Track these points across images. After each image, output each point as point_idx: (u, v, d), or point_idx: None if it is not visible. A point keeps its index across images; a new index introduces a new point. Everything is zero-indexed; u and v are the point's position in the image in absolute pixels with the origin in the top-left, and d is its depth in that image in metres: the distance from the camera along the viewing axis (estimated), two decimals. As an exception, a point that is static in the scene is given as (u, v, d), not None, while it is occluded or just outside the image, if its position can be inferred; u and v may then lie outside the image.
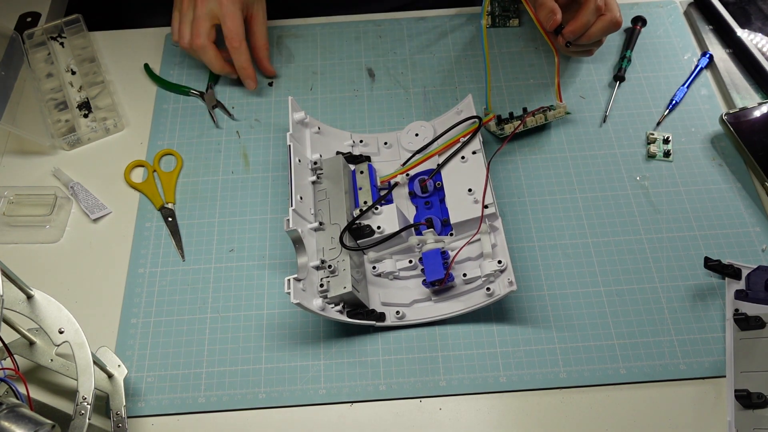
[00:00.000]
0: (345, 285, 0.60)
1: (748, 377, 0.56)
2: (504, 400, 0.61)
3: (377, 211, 0.66)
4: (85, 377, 0.51)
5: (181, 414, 0.61)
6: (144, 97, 0.82)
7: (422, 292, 0.65)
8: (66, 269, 0.69)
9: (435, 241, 0.64)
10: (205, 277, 0.68)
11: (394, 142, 0.75)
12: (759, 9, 0.84)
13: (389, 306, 0.64)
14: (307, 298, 0.59)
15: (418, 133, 0.73)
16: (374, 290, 0.65)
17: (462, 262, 0.65)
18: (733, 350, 0.60)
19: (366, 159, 0.72)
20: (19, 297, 0.52)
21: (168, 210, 0.72)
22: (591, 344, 0.63)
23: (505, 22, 0.86)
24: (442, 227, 0.67)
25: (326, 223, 0.65)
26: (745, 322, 0.59)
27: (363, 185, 0.69)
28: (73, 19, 0.86)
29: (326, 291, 0.61)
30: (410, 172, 0.71)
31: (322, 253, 0.63)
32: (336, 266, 0.62)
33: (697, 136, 0.76)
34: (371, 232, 0.65)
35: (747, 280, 0.63)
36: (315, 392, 0.61)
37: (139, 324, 0.65)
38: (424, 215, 0.68)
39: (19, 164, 0.76)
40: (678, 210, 0.71)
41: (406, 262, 0.65)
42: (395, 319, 0.63)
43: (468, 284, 0.64)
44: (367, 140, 0.74)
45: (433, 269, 0.62)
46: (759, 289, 0.62)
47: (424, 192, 0.69)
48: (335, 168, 0.69)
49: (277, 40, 0.86)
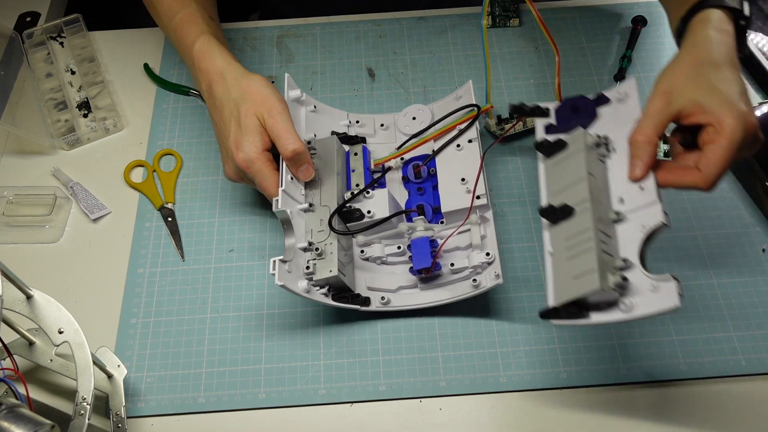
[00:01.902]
0: (331, 269, 0.60)
1: (557, 196, 0.57)
2: (504, 400, 0.60)
3: (369, 194, 0.65)
4: (85, 377, 0.51)
5: (181, 414, 0.61)
6: (144, 97, 0.82)
7: (409, 279, 0.64)
8: (65, 269, 0.69)
9: (425, 229, 0.64)
10: (205, 277, 0.68)
11: (391, 124, 0.74)
12: (759, 9, 0.84)
13: (375, 291, 0.64)
14: (293, 280, 0.58)
15: (416, 117, 0.73)
16: (361, 274, 0.64)
17: (451, 251, 0.65)
18: (545, 177, 0.60)
19: (361, 140, 0.71)
20: (18, 297, 0.52)
21: (168, 210, 0.72)
22: (591, 344, 0.63)
23: (505, 22, 0.86)
24: (433, 214, 0.67)
25: (316, 204, 0.64)
26: (548, 148, 0.60)
27: (356, 167, 0.68)
28: (72, 18, 0.86)
29: (312, 273, 0.60)
30: (405, 156, 0.70)
31: (310, 234, 0.63)
32: (323, 249, 0.61)
33: (697, 136, 0.76)
34: (361, 216, 0.64)
35: (555, 114, 0.63)
36: (315, 392, 0.61)
37: (139, 324, 0.65)
38: (416, 201, 0.68)
39: (19, 164, 0.76)
40: (678, 210, 0.71)
41: (394, 248, 0.65)
42: (380, 305, 0.63)
43: (455, 274, 0.63)
44: (364, 121, 0.74)
45: (421, 257, 0.62)
46: (565, 119, 0.62)
47: (417, 177, 0.69)
48: (329, 148, 0.68)
49: (278, 40, 0.86)
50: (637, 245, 0.53)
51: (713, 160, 0.52)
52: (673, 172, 0.55)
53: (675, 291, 0.49)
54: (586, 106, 0.62)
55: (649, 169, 0.55)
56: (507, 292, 0.66)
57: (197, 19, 0.70)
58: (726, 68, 0.56)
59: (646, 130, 0.55)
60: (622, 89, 0.61)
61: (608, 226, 0.55)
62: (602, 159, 0.58)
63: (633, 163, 0.56)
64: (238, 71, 0.65)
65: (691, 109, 0.54)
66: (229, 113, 0.63)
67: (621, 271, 0.52)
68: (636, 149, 0.56)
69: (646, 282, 0.51)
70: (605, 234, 0.54)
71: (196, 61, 0.67)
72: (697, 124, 0.54)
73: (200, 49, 0.67)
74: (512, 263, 0.67)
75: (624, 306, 0.51)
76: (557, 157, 0.59)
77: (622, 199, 0.56)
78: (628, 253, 0.53)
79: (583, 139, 0.57)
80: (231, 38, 0.86)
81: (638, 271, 0.52)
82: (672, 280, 0.50)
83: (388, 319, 0.64)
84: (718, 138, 0.52)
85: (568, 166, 0.58)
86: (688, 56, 0.57)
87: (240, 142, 0.62)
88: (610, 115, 0.61)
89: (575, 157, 0.57)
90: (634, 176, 0.56)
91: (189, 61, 0.69)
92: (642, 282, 0.51)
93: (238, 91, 0.64)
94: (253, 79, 0.64)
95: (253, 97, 0.63)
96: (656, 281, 0.51)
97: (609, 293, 0.51)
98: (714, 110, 0.52)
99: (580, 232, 0.53)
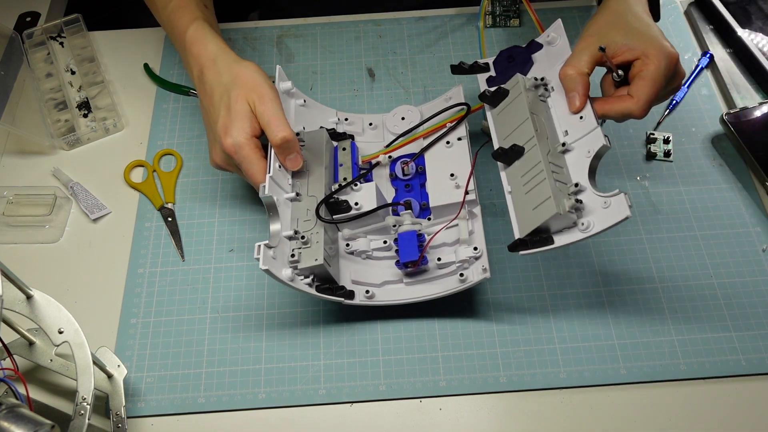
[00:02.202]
0: (317, 257, 0.59)
1: (507, 140, 0.62)
2: (504, 400, 0.60)
3: (356, 187, 0.65)
4: (85, 377, 0.51)
5: (181, 414, 0.61)
6: (144, 97, 0.82)
7: (394, 273, 0.64)
8: (65, 269, 0.69)
9: (412, 223, 0.64)
10: (205, 277, 0.68)
11: (380, 124, 0.74)
12: (759, 8, 0.84)
13: (360, 285, 0.63)
14: (277, 266, 0.58)
15: (405, 117, 0.73)
16: (346, 268, 0.64)
17: (438, 246, 0.64)
18: (494, 126, 0.64)
19: (350, 137, 0.71)
20: (18, 297, 0.52)
21: (168, 210, 0.72)
22: (591, 344, 0.63)
23: (505, 22, 0.86)
24: (420, 211, 0.67)
25: (303, 194, 0.64)
26: (492, 98, 0.64)
27: (344, 162, 0.68)
28: (72, 18, 0.86)
29: (297, 261, 0.59)
30: (393, 154, 0.70)
31: (296, 223, 0.62)
32: (309, 238, 0.61)
33: (697, 136, 0.76)
34: (348, 207, 0.64)
35: (494, 66, 0.68)
36: (315, 392, 0.61)
37: (139, 324, 0.65)
38: (403, 198, 0.68)
39: (19, 164, 0.76)
40: (678, 210, 0.71)
41: (380, 242, 0.65)
42: (364, 299, 0.63)
43: (441, 269, 0.63)
44: (353, 119, 0.74)
45: (408, 250, 0.62)
46: (503, 69, 0.67)
47: (405, 175, 0.69)
48: (317, 141, 0.68)
49: (278, 40, 0.86)
50: (586, 169, 0.57)
51: (643, 86, 0.58)
52: (609, 102, 0.60)
53: (625, 203, 0.53)
54: (521, 53, 0.66)
55: (586, 99, 0.60)
56: (507, 292, 0.66)
57: (191, 5, 0.70)
58: (643, 15, 0.63)
59: (576, 64, 0.60)
60: (550, 32, 0.66)
61: (558, 157, 0.60)
62: (543, 99, 0.63)
63: (570, 96, 0.61)
64: (231, 57, 0.65)
65: (617, 49, 0.60)
66: (219, 98, 0.63)
67: (575, 195, 0.56)
68: (569, 82, 0.60)
69: (598, 201, 0.55)
70: (556, 165, 0.59)
71: (188, 46, 0.67)
72: (625, 62, 0.60)
73: (193, 35, 0.67)
74: (512, 263, 0.67)
75: (582, 226, 0.56)
76: (502, 105, 0.64)
77: (567, 132, 0.61)
78: (579, 178, 0.58)
79: (522, 84, 0.62)
80: (231, 38, 0.86)
81: (590, 192, 0.57)
82: (621, 194, 0.54)
83: (389, 319, 0.64)
84: (646, 66, 0.58)
85: (512, 110, 0.62)
86: (608, 9, 0.64)
87: (229, 127, 0.61)
88: (544, 58, 0.66)
89: (517, 101, 0.62)
90: (573, 108, 0.60)
91: (181, 46, 0.69)
92: (595, 202, 0.56)
93: (230, 77, 0.63)
94: (245, 65, 0.64)
95: (245, 83, 0.62)
96: (607, 198, 0.55)
97: (567, 217, 0.55)
98: (639, 46, 0.59)
99: (533, 167, 0.58)
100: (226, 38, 0.86)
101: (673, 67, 0.60)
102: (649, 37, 0.60)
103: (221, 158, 0.64)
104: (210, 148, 0.66)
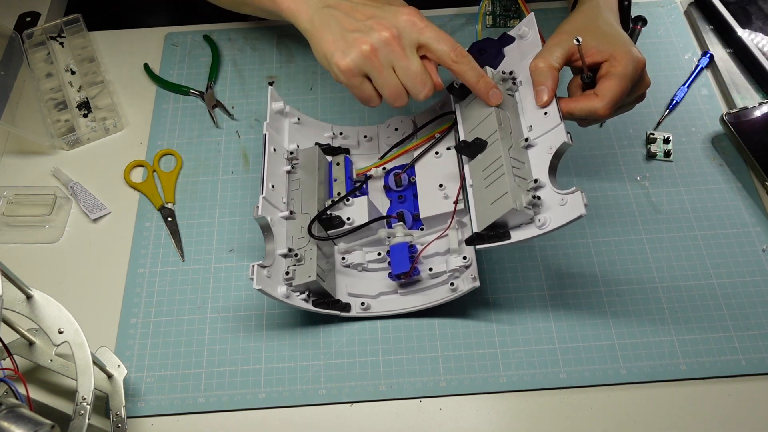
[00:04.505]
0: (310, 274, 0.60)
1: (471, 134, 0.62)
2: (504, 400, 0.60)
3: (349, 202, 0.66)
4: (85, 377, 0.51)
5: (181, 414, 0.61)
6: (144, 97, 0.82)
7: (389, 284, 0.65)
8: (65, 269, 0.69)
9: (404, 235, 0.64)
10: (205, 277, 0.68)
11: (375, 136, 0.74)
12: (759, 8, 0.84)
13: (355, 297, 0.64)
14: (272, 285, 0.59)
15: (398, 128, 0.73)
16: (342, 281, 0.65)
17: (430, 257, 0.65)
18: (461, 119, 0.65)
19: (345, 151, 0.72)
20: (18, 297, 0.52)
21: (168, 210, 0.72)
22: (591, 344, 0.63)
23: (505, 22, 0.86)
24: (413, 222, 0.67)
25: (297, 212, 0.65)
26: (460, 91, 0.64)
27: (338, 177, 0.68)
28: (72, 18, 0.86)
29: (291, 279, 0.61)
30: (387, 165, 0.71)
31: (291, 241, 0.64)
32: (303, 255, 0.62)
33: (697, 136, 0.76)
34: (341, 222, 0.64)
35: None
36: (315, 392, 0.61)
37: (139, 324, 0.65)
38: (397, 209, 0.68)
39: (19, 164, 0.76)
40: (678, 210, 0.71)
41: (375, 254, 0.66)
42: (360, 310, 0.64)
43: (434, 279, 0.64)
44: (347, 132, 0.74)
45: (399, 262, 0.62)
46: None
47: (398, 186, 0.69)
48: (310, 158, 0.69)
49: (278, 40, 0.86)
50: (547, 166, 0.57)
51: (609, 84, 0.59)
52: (575, 100, 0.60)
53: (581, 201, 0.53)
54: (492, 46, 0.66)
55: (554, 94, 0.59)
56: (507, 292, 0.66)
57: None
58: (614, 22, 0.64)
59: (547, 57, 0.60)
60: (522, 26, 0.65)
61: (520, 152, 0.60)
62: (511, 93, 0.63)
63: (538, 90, 0.60)
64: None
65: (587, 50, 0.60)
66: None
67: (533, 191, 0.57)
68: (539, 75, 0.60)
69: (556, 198, 0.55)
70: (517, 160, 0.59)
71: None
72: (594, 64, 0.61)
73: None
74: (512, 263, 0.67)
75: (539, 222, 0.55)
76: (469, 99, 0.64)
77: (531, 127, 0.60)
78: (539, 174, 0.58)
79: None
80: (231, 38, 0.86)
81: (549, 189, 0.56)
82: (578, 191, 0.53)
83: (389, 319, 0.64)
84: (614, 68, 0.59)
85: (477, 103, 0.63)
86: (581, 12, 0.65)
87: (387, 17, 0.58)
88: (515, 52, 0.66)
89: None
90: (540, 101, 0.60)
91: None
92: (553, 198, 0.56)
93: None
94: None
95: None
96: (565, 195, 0.55)
97: (523, 213, 0.55)
98: (608, 49, 0.60)
99: (494, 161, 0.59)
100: (227, 38, 0.86)
101: (639, 72, 0.61)
102: (619, 42, 0.61)
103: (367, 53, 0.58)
104: (346, 50, 0.59)
